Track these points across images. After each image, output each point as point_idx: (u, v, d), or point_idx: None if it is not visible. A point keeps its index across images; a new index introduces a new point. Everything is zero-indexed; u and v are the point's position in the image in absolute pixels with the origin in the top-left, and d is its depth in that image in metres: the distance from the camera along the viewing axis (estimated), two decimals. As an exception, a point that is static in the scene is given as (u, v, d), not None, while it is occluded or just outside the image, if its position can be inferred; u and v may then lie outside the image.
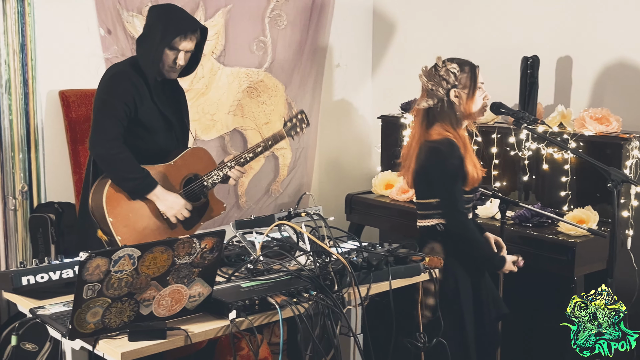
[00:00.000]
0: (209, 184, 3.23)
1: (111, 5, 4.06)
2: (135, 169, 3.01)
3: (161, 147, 3.20)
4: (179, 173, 3.18)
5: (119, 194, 3.02)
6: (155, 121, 3.15)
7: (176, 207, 3.09)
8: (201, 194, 3.23)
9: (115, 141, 3.00)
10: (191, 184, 3.21)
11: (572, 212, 3.71)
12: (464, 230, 3.03)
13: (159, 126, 3.18)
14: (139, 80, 3.09)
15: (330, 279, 2.51)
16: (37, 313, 2.32)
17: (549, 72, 4.20)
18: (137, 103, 3.07)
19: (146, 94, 3.10)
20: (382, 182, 4.58)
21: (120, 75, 3.10)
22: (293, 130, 3.42)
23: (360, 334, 2.74)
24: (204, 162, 3.27)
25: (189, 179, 3.22)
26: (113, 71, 3.15)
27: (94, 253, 2.02)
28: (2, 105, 3.78)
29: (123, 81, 3.07)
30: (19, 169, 3.87)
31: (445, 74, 3.04)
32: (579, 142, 3.74)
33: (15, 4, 3.75)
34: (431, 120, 3.09)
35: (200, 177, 3.22)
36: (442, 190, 3.03)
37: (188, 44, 3.10)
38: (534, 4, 4.33)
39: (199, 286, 2.28)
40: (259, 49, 4.70)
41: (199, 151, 3.30)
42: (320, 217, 2.81)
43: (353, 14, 5.17)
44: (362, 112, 5.36)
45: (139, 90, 3.07)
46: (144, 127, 3.13)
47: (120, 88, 3.06)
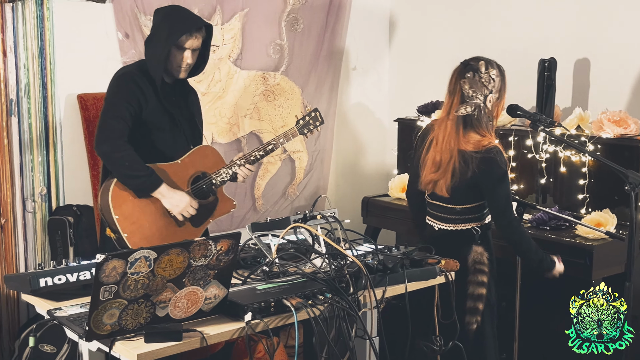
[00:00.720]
0: (217, 182, 3.23)
1: (129, 9, 4.09)
2: (140, 167, 3.03)
3: (169, 146, 3.21)
4: (186, 171, 3.20)
5: (124, 192, 3.04)
6: (161, 121, 3.17)
7: (182, 204, 3.10)
8: (210, 191, 3.24)
9: (119, 140, 3.03)
10: (199, 182, 3.22)
11: (589, 215, 3.69)
12: (520, 234, 3.05)
13: (166, 126, 3.20)
14: (144, 81, 3.12)
15: (345, 281, 2.51)
16: (55, 315, 2.34)
17: (566, 74, 4.18)
18: (142, 103, 3.11)
19: (152, 94, 3.13)
20: (398, 185, 4.57)
21: (125, 76, 3.15)
22: (306, 128, 3.42)
23: (375, 336, 2.73)
24: (212, 160, 3.28)
25: (197, 177, 3.23)
26: (119, 73, 3.20)
27: (111, 255, 2.03)
28: (22, 108, 3.81)
29: (127, 82, 3.11)
30: (37, 172, 3.90)
31: (487, 80, 3.02)
32: (596, 144, 3.71)
33: (34, 8, 3.79)
34: (467, 126, 3.05)
35: (208, 175, 3.23)
36: (499, 197, 3.01)
37: (194, 42, 3.13)
38: (551, 6, 4.32)
39: (214, 288, 2.29)
40: (276, 52, 4.72)
41: (206, 149, 3.31)
42: (335, 219, 2.81)
43: (370, 17, 5.17)
44: (378, 115, 5.35)
45: (143, 90, 3.11)
46: (151, 127, 3.16)
47: (125, 89, 3.10)
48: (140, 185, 3.04)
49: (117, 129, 3.04)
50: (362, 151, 5.31)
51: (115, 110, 3.07)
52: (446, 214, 3.13)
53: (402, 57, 5.23)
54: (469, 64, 3.05)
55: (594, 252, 3.40)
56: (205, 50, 3.25)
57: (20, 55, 3.77)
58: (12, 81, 3.77)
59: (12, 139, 3.80)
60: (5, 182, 3.79)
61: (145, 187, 3.05)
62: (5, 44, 3.72)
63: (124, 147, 3.03)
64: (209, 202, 3.25)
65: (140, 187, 3.05)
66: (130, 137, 3.08)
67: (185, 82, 3.34)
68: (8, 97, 3.77)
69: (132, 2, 4.09)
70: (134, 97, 3.09)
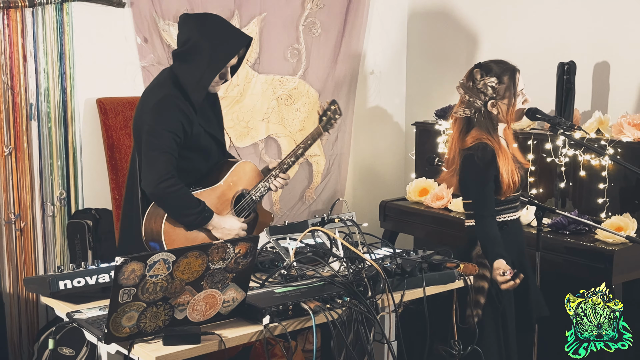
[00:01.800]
0: (257, 198, 3.21)
1: (148, 14, 4.11)
2: (191, 204, 2.96)
3: (210, 164, 3.19)
4: (230, 192, 3.16)
5: (176, 227, 2.99)
6: (206, 143, 3.12)
7: (233, 232, 3.07)
8: (251, 209, 3.22)
9: (169, 179, 2.92)
10: (241, 202, 3.18)
11: (609, 219, 3.66)
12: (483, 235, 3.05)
13: (210, 147, 3.15)
14: (185, 104, 2.99)
15: (363, 285, 2.51)
16: (74, 317, 2.35)
17: (585, 78, 4.15)
18: (187, 129, 2.99)
19: (194, 117, 3.02)
20: (416, 188, 4.56)
21: (167, 102, 2.97)
22: (329, 124, 3.37)
23: (394, 341, 2.72)
24: (251, 176, 3.24)
25: (239, 195, 3.19)
26: (158, 96, 2.99)
27: (130, 258, 2.04)
28: (41, 112, 3.84)
29: (171, 109, 2.96)
30: (57, 176, 3.93)
31: (483, 87, 3.04)
32: (616, 148, 3.68)
33: (54, 13, 3.82)
34: (469, 127, 3.12)
35: (248, 192, 3.20)
36: (473, 193, 3.08)
37: (235, 60, 3.07)
38: (570, 9, 4.29)
39: (232, 291, 2.29)
40: (293, 57, 4.72)
41: (245, 166, 3.23)
42: (353, 223, 2.81)
43: (387, 21, 5.17)
44: (396, 119, 5.34)
45: (187, 115, 2.99)
46: (196, 151, 3.09)
47: (169, 117, 2.95)
48: (192, 222, 2.99)
49: (166, 166, 2.92)
50: (379, 155, 5.30)
51: (162, 143, 2.93)
52: (465, 210, 3.20)
53: (420, 60, 5.22)
54: (471, 70, 3.11)
55: (614, 257, 3.37)
56: (240, 59, 3.17)
57: (40, 59, 3.80)
58: (32, 85, 3.80)
59: (31, 143, 3.83)
60: (25, 185, 3.82)
61: (197, 223, 3.00)
62: (25, 49, 3.76)
63: (175, 186, 2.93)
64: (251, 219, 3.23)
65: (193, 224, 2.99)
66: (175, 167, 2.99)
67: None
68: (28, 101, 3.80)
69: (151, 7, 4.11)
70: (179, 124, 2.96)
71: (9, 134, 3.75)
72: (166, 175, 2.91)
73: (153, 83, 3.15)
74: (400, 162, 5.35)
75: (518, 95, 3.08)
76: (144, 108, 3.03)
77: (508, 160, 3.05)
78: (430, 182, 4.56)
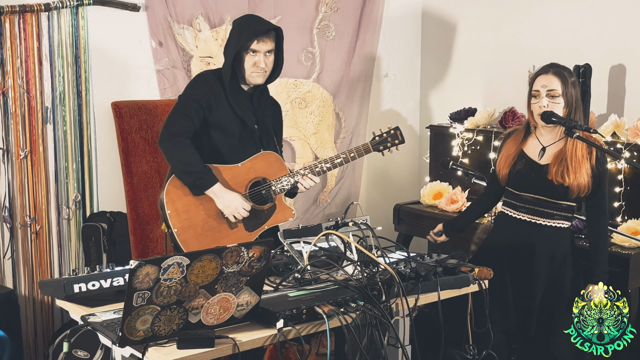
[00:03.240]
0: (277, 189, 3.21)
1: (162, 18, 4.13)
2: (197, 164, 3.07)
3: (236, 152, 3.22)
4: (246, 175, 3.19)
5: (179, 189, 3.09)
6: (231, 126, 3.19)
7: (233, 205, 3.09)
8: (268, 198, 3.21)
9: (181, 136, 3.09)
10: (258, 187, 3.20)
11: (625, 223, 3.63)
12: None
13: (236, 131, 3.20)
14: (218, 84, 3.18)
15: (377, 289, 2.50)
16: (88, 320, 2.35)
17: (601, 81, 4.12)
18: (213, 105, 3.16)
19: (224, 98, 3.18)
20: (430, 192, 4.55)
21: (200, 77, 3.26)
22: (382, 145, 3.37)
23: (408, 345, 2.71)
24: (275, 167, 3.25)
25: (257, 182, 3.21)
26: (198, 75, 3.31)
27: (144, 261, 2.04)
28: (57, 116, 3.86)
29: (201, 83, 3.20)
30: (72, 179, 3.95)
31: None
32: (633, 151, 3.66)
33: (69, 17, 3.84)
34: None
35: (268, 181, 3.22)
36: None
37: (264, 46, 3.14)
38: (586, 12, 4.27)
39: (246, 295, 2.29)
40: (307, 60, 4.72)
41: (270, 156, 3.27)
42: (367, 226, 2.80)
43: (401, 24, 5.16)
44: (410, 122, 5.33)
45: (215, 93, 3.16)
46: (219, 130, 3.19)
47: (197, 89, 3.18)
48: (194, 182, 3.07)
49: (183, 125, 3.11)
50: (393, 158, 5.27)
51: (185, 108, 3.14)
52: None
53: (434, 63, 5.21)
54: None
55: (630, 261, 3.35)
56: (279, 53, 3.24)
57: (55, 63, 3.83)
58: (48, 89, 3.82)
59: (47, 146, 3.85)
60: (41, 189, 3.84)
61: (199, 185, 3.07)
62: (41, 53, 3.78)
63: (186, 144, 3.09)
64: (266, 208, 3.22)
65: (194, 184, 3.07)
66: (197, 137, 3.14)
67: (265, 93, 3.34)
68: (44, 105, 3.82)
69: (166, 11, 4.13)
70: (205, 97, 3.14)
71: (24, 137, 3.78)
72: (181, 132, 3.10)
73: None
74: (415, 166, 5.34)
75: (533, 97, 3.16)
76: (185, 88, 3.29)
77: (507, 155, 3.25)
78: (445, 185, 4.54)
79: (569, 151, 3.11)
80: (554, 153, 3.16)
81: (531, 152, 3.21)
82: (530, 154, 3.21)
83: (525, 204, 3.20)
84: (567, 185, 3.08)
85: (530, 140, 3.24)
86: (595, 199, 3.15)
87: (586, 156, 3.10)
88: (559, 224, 3.17)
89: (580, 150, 3.10)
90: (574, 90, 3.12)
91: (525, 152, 3.22)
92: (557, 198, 3.14)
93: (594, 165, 3.09)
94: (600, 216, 3.16)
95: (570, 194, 3.11)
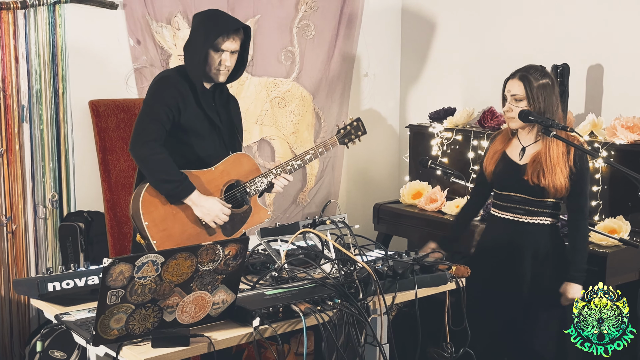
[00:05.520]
0: (252, 191, 3.18)
1: (140, 16, 4.10)
2: (173, 171, 3.00)
3: (208, 153, 3.17)
4: (220, 179, 3.15)
5: (156, 198, 3.01)
6: (200, 127, 3.14)
7: (213, 212, 3.05)
8: (243, 200, 3.19)
9: (154, 142, 3.00)
10: (232, 190, 3.17)
11: (603, 222, 3.65)
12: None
13: (205, 132, 3.15)
14: (184, 85, 3.09)
15: (355, 287, 2.49)
16: (62, 319, 2.33)
17: (579, 81, 4.15)
18: (181, 107, 3.06)
19: (191, 99, 3.10)
20: (410, 191, 4.55)
21: (164, 80, 3.12)
22: (347, 137, 3.35)
23: (386, 343, 2.71)
24: (247, 168, 3.22)
25: (231, 185, 3.17)
26: (159, 77, 3.17)
27: (118, 259, 2.02)
28: (33, 114, 3.83)
29: (167, 85, 3.08)
30: (49, 178, 3.91)
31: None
32: (610, 151, 3.68)
33: (46, 14, 3.81)
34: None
35: (242, 183, 3.19)
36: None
37: (232, 44, 3.07)
38: (564, 13, 4.29)
39: (222, 293, 2.27)
40: (287, 59, 4.72)
41: (242, 157, 3.23)
42: (345, 225, 2.79)
43: (381, 24, 5.16)
44: (390, 122, 5.34)
45: (183, 95, 3.07)
46: (189, 132, 3.12)
47: (164, 92, 3.07)
48: (172, 191, 2.99)
49: (154, 131, 3.01)
50: (373, 158, 5.29)
51: (153, 113, 3.04)
52: None
53: (414, 63, 5.22)
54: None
55: (607, 259, 3.37)
56: (244, 53, 3.19)
57: (32, 61, 3.79)
58: (24, 87, 3.79)
59: (23, 145, 3.81)
60: (17, 188, 3.81)
61: (176, 193, 3.00)
62: (17, 50, 3.74)
63: (159, 151, 3.00)
64: (242, 211, 3.19)
65: (172, 193, 3.00)
66: (167, 141, 3.06)
67: (224, 89, 3.29)
68: (20, 103, 3.78)
69: (144, 9, 4.11)
70: (173, 100, 3.05)
71: (0, 136, 3.74)
72: (153, 139, 3.01)
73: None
74: (394, 165, 5.34)
75: (504, 100, 3.23)
76: (147, 91, 3.16)
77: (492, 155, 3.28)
78: (424, 184, 4.55)
79: (543, 152, 3.12)
80: (532, 154, 3.17)
81: (512, 153, 3.23)
82: (512, 154, 3.23)
83: (509, 202, 3.21)
84: (543, 186, 3.09)
85: (513, 141, 3.26)
86: (574, 199, 3.14)
87: (563, 157, 3.10)
88: (540, 221, 3.18)
89: (556, 151, 3.11)
90: (544, 92, 3.12)
91: (507, 153, 3.25)
92: (538, 197, 3.15)
93: (572, 166, 3.10)
94: (578, 216, 3.15)
95: (548, 194, 3.12)
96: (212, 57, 3.07)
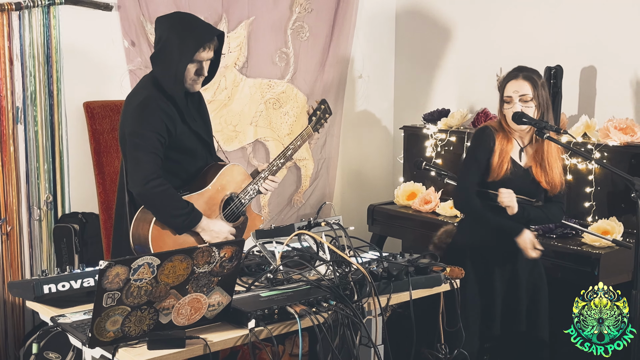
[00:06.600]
0: (246, 201, 3.16)
1: (135, 17, 4.10)
2: (179, 204, 2.92)
3: (198, 166, 3.13)
4: (217, 196, 3.10)
5: (164, 231, 2.94)
6: (189, 143, 3.06)
7: (222, 235, 3.03)
8: (240, 213, 3.17)
9: (155, 179, 2.88)
10: (230, 205, 3.14)
11: (596, 223, 3.67)
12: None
13: (194, 146, 3.09)
14: (167, 104, 2.95)
15: (350, 288, 2.50)
16: (58, 321, 2.33)
17: (572, 82, 4.17)
18: (171, 129, 2.95)
19: (176, 116, 2.99)
20: (404, 192, 4.57)
21: (146, 103, 2.94)
22: (318, 123, 3.35)
23: (380, 344, 2.72)
24: (239, 179, 3.19)
25: (227, 199, 3.15)
26: (139, 98, 2.97)
27: (114, 261, 2.03)
28: (28, 116, 3.82)
29: (152, 110, 2.93)
30: (43, 180, 3.91)
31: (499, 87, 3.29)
32: (603, 152, 3.70)
33: (40, 16, 3.81)
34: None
35: (237, 195, 3.16)
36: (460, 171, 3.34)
37: (208, 54, 3.00)
38: (557, 14, 4.31)
39: (218, 295, 2.28)
40: (281, 61, 4.72)
41: (233, 169, 3.18)
42: (340, 226, 2.80)
43: (376, 25, 5.17)
44: (384, 123, 5.35)
45: (169, 115, 2.95)
46: (180, 151, 3.04)
47: (150, 118, 2.92)
48: (181, 224, 2.93)
49: (151, 164, 2.88)
50: (368, 159, 5.30)
51: (147, 144, 2.89)
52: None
53: (408, 64, 5.23)
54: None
55: (601, 260, 3.39)
56: (217, 58, 3.11)
57: (26, 63, 3.79)
58: (19, 89, 3.78)
59: (18, 146, 3.81)
60: (12, 189, 3.80)
61: (186, 225, 2.94)
62: (12, 52, 3.74)
63: (161, 185, 2.89)
64: (240, 223, 3.18)
65: (182, 226, 2.94)
66: (162, 167, 2.95)
67: (197, 93, 3.19)
68: (15, 104, 3.78)
69: (138, 10, 4.11)
70: (162, 125, 2.92)
71: (-5, 137, 3.74)
72: (152, 174, 2.89)
73: (135, 88, 3.14)
74: (389, 166, 5.35)
75: (505, 102, 3.19)
76: (127, 112, 3.01)
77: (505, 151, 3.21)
78: (419, 185, 4.56)
79: (542, 152, 3.15)
80: (532, 154, 3.19)
81: (514, 154, 3.23)
82: (514, 155, 3.23)
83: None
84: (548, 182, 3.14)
85: (512, 141, 3.23)
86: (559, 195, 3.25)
87: (558, 153, 3.20)
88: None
89: (554, 147, 3.16)
90: (544, 91, 3.15)
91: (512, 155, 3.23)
92: (536, 197, 3.18)
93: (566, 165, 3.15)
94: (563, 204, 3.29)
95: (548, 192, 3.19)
96: (189, 70, 2.97)
